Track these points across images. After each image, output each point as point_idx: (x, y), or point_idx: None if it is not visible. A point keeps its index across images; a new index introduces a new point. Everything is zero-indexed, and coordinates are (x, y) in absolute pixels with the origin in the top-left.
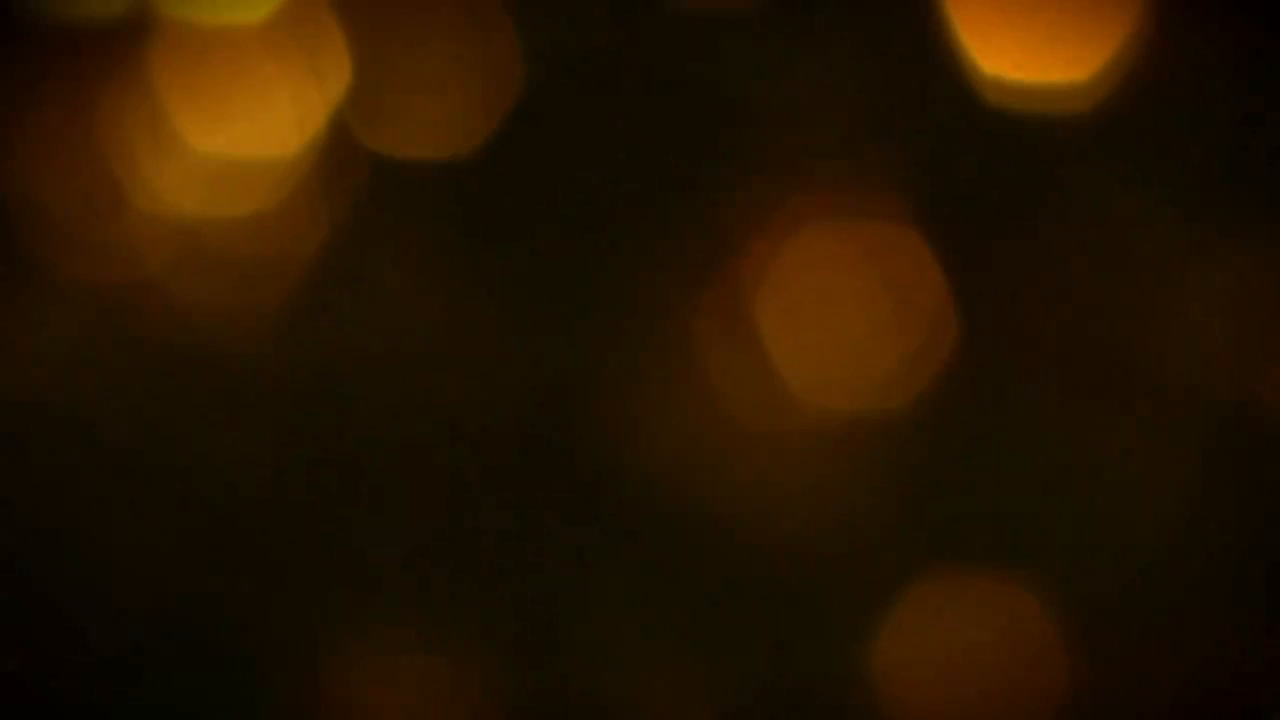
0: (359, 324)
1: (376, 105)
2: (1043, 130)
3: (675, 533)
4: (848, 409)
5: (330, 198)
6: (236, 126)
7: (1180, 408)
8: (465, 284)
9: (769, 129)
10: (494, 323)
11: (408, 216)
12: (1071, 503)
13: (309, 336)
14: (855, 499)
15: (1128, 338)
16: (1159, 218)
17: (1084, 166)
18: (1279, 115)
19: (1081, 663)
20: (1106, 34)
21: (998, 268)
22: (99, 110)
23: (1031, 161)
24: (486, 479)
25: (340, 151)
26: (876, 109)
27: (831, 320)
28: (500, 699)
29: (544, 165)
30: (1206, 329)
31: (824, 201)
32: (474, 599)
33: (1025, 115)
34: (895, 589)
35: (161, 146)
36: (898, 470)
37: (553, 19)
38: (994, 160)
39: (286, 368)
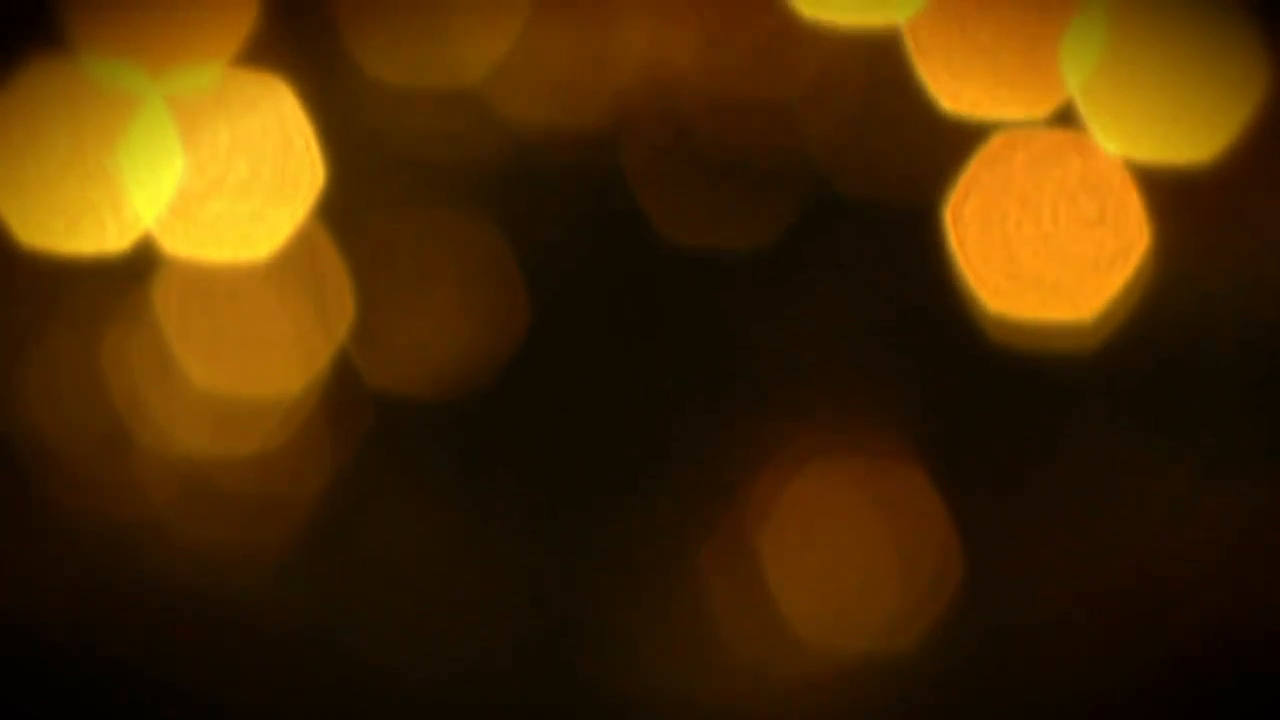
0: (363, 562)
1: (380, 344)
2: (1047, 368)
3: None
4: (853, 648)
5: (334, 436)
6: (241, 364)
7: (1185, 642)
8: (469, 523)
9: (773, 365)
10: (497, 561)
11: (411, 455)
12: None
13: (313, 574)
14: None
15: (1132, 574)
16: (1161, 456)
17: (1087, 405)
18: (1278, 352)
19: None
20: (1110, 275)
21: (1002, 506)
22: (104, 347)
23: (1035, 399)
24: (492, 715)
25: (344, 390)
26: (881, 346)
27: (836, 558)
28: None
29: (547, 404)
30: (1209, 565)
31: (828, 438)
32: None
33: (1029, 353)
34: None
35: (166, 384)
36: (903, 710)
37: (556, 258)
38: (998, 398)
39: (290, 605)
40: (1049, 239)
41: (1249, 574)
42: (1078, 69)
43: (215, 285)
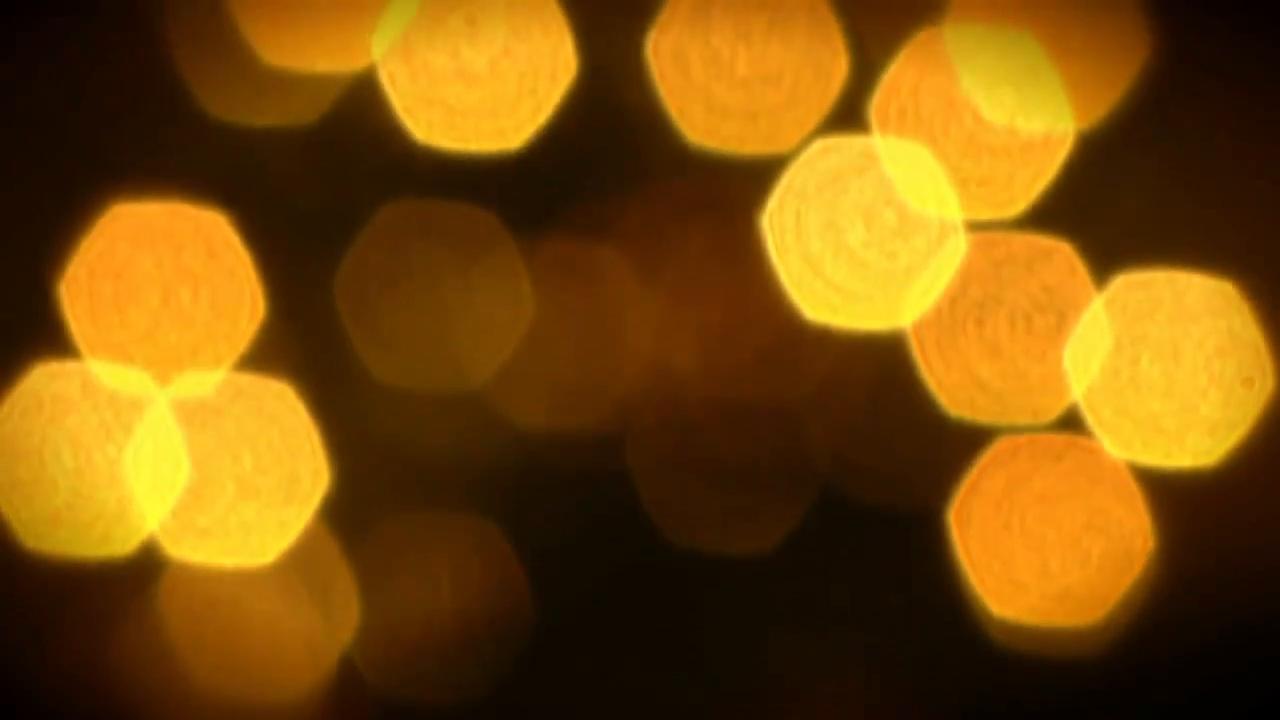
0: None
1: (385, 648)
2: (1051, 673)
3: None
4: None
5: None
6: (246, 668)
7: None
8: None
9: (776, 670)
10: None
11: None
12: None
13: None
14: None
15: None
16: None
17: (1092, 709)
18: None
19: None
20: (1114, 581)
21: None
22: (108, 652)
23: (1040, 704)
24: None
25: (349, 695)
26: (884, 650)
27: None
28: None
29: (551, 708)
30: None
31: None
32: None
33: (1033, 658)
34: None
35: (171, 688)
36: None
37: (560, 561)
38: (1002, 703)
39: None
40: (1052, 543)
41: None
42: (1082, 374)
43: (220, 589)
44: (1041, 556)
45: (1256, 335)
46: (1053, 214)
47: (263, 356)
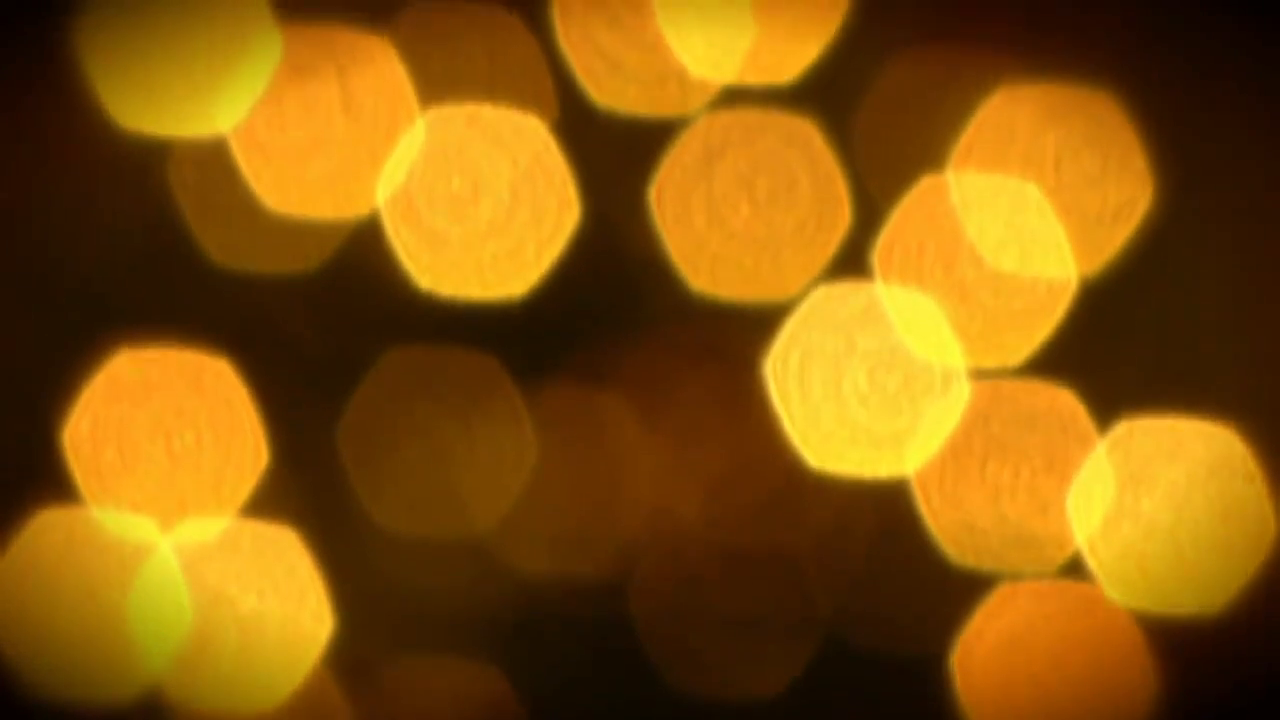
0: None
1: None
2: None
3: None
4: None
5: None
6: None
7: None
8: None
9: None
10: None
11: None
12: None
13: None
14: None
15: None
16: None
17: None
18: None
19: None
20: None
21: None
22: None
23: None
24: None
25: None
26: None
27: None
28: None
29: None
30: None
31: None
32: None
33: None
34: None
35: None
36: None
37: (564, 708)
38: None
39: None
40: (1055, 690)
41: None
42: (1085, 520)
43: None
44: (1044, 704)
45: (1258, 481)
46: (1055, 361)
47: (266, 503)
